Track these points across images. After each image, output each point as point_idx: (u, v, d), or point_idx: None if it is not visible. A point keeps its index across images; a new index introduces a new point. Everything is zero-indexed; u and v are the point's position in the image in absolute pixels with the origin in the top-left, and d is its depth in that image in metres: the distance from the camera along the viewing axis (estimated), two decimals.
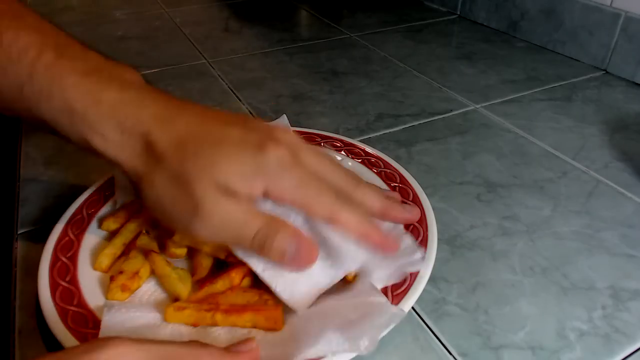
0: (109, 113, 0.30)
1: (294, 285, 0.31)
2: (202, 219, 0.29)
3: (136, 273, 0.34)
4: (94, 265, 0.36)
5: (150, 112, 0.31)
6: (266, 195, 0.30)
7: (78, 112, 0.30)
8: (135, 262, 0.35)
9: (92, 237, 0.39)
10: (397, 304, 0.32)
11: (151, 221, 0.39)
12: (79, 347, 0.22)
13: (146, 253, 0.36)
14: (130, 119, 0.30)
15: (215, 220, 0.29)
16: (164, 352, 0.23)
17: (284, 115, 0.47)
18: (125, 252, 0.37)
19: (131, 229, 0.38)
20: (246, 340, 0.28)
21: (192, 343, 0.25)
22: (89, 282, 0.35)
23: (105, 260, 0.36)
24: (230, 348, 0.27)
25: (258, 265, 0.32)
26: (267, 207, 0.31)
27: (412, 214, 0.37)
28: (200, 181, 0.29)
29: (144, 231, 0.38)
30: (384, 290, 0.33)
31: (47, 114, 0.31)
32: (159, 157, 0.30)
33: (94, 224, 0.40)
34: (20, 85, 0.30)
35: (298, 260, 0.31)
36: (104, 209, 0.41)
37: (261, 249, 0.30)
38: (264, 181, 0.30)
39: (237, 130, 0.31)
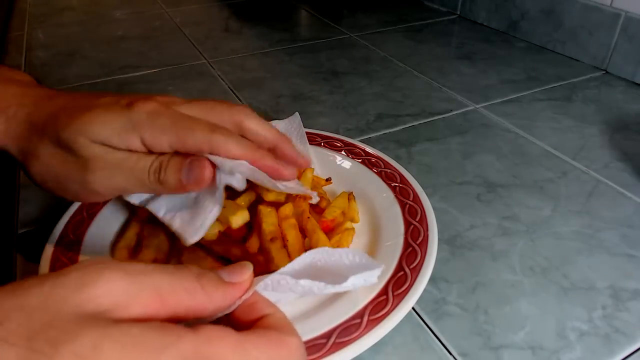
0: None
1: (190, 221, 0.32)
2: (94, 171, 0.30)
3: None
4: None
5: (31, 100, 0.33)
6: (145, 145, 0.31)
7: None
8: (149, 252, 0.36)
9: (92, 237, 0.39)
10: (397, 304, 0.32)
11: None
12: (69, 274, 0.20)
13: None
14: (13, 107, 0.32)
15: (106, 169, 0.30)
16: (158, 285, 0.21)
17: (296, 113, 0.47)
18: (138, 242, 0.38)
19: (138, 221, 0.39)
20: (242, 266, 0.25)
21: (186, 270, 0.23)
22: None
23: (123, 252, 0.37)
24: (227, 269, 0.25)
25: (159, 210, 0.33)
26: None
27: (302, 160, 0.36)
28: (79, 142, 0.30)
29: None
30: (386, 288, 0.33)
31: None
32: (40, 131, 0.31)
33: (94, 223, 0.40)
34: None
35: (195, 180, 0.31)
36: (104, 209, 0.41)
37: (157, 181, 0.31)
38: (138, 133, 0.30)
39: (108, 97, 0.32)
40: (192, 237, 0.32)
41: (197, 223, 0.32)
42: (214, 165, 0.31)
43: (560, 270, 0.39)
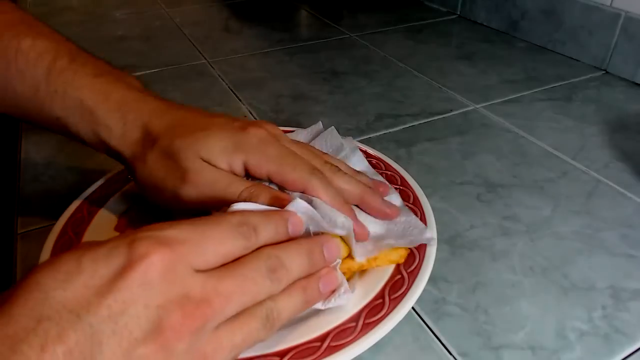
0: (115, 108, 0.34)
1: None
2: (189, 184, 0.32)
3: None
4: None
5: (150, 107, 0.35)
6: (246, 168, 0.33)
7: (89, 108, 0.34)
8: None
9: (92, 237, 0.39)
10: (393, 307, 0.31)
11: None
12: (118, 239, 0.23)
13: None
14: (133, 112, 0.34)
15: (201, 184, 0.32)
16: (198, 224, 0.24)
17: (320, 122, 0.47)
18: None
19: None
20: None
21: (223, 214, 0.26)
22: None
23: None
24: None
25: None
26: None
27: (390, 210, 0.37)
28: (186, 154, 0.32)
29: None
30: (383, 292, 0.33)
31: (60, 112, 0.35)
32: (154, 140, 0.33)
33: (93, 223, 0.40)
34: (36, 86, 0.34)
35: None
36: (104, 208, 0.41)
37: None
38: (244, 155, 0.33)
39: (222, 118, 0.35)
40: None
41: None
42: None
43: (560, 270, 0.39)
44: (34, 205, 0.46)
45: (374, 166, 0.46)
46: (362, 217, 0.36)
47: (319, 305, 0.30)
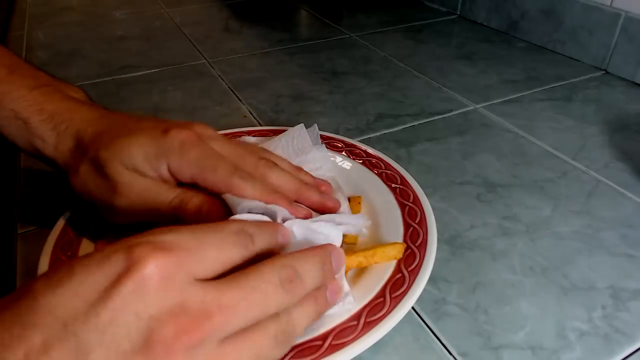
0: (48, 119, 0.35)
1: None
2: (120, 196, 0.33)
3: None
4: None
5: (82, 116, 0.35)
6: (171, 173, 0.33)
7: (23, 120, 0.35)
8: None
9: (91, 236, 0.39)
10: (394, 306, 0.32)
11: None
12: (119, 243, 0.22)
13: None
14: (65, 123, 0.35)
15: (132, 195, 0.33)
16: (199, 231, 0.24)
17: (315, 125, 0.47)
18: None
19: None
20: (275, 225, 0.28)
21: (225, 221, 0.26)
22: None
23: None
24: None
25: None
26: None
27: (331, 202, 0.37)
28: (112, 166, 0.32)
29: None
30: (383, 291, 0.33)
31: None
32: (84, 150, 0.34)
33: (93, 223, 0.40)
34: None
35: (210, 217, 0.33)
36: None
37: (178, 213, 0.33)
38: (165, 160, 0.32)
39: (150, 122, 0.35)
40: None
41: None
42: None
43: (560, 270, 0.39)
44: (34, 206, 0.46)
45: (373, 165, 0.46)
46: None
47: None
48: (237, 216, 0.31)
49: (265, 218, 0.32)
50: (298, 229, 0.30)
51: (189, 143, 0.33)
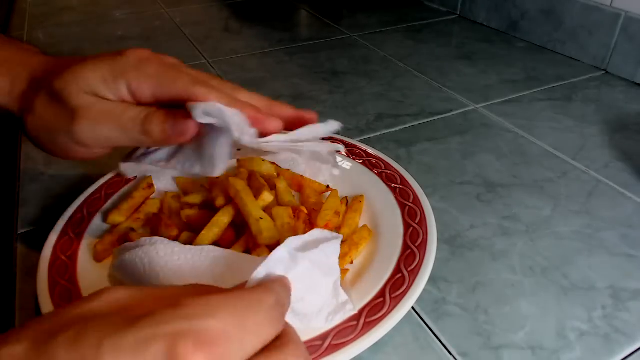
0: (1, 63, 0.33)
1: (208, 158, 0.32)
2: (81, 120, 0.31)
3: None
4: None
5: (38, 59, 0.34)
6: (131, 93, 0.32)
7: None
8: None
9: (92, 236, 0.39)
10: (394, 306, 0.32)
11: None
12: (79, 300, 0.22)
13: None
14: (19, 66, 0.34)
15: (94, 116, 0.31)
16: (160, 292, 0.22)
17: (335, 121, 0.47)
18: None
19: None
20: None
21: (193, 285, 0.24)
22: (89, 281, 0.35)
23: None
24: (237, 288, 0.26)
25: (177, 166, 0.34)
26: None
27: (306, 113, 0.35)
28: (69, 92, 0.31)
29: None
30: (383, 290, 0.33)
31: None
32: (37, 86, 0.32)
33: (94, 223, 0.40)
34: None
35: (180, 131, 0.31)
36: (104, 208, 0.41)
37: (143, 131, 0.31)
38: (124, 79, 0.31)
39: (106, 53, 0.33)
40: (215, 168, 0.31)
41: (210, 158, 0.32)
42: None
43: (560, 270, 0.39)
44: (34, 205, 0.46)
45: (373, 165, 0.46)
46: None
47: (321, 324, 0.30)
48: (203, 107, 0.29)
49: (236, 112, 0.30)
50: None
51: (145, 59, 0.32)
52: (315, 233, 0.29)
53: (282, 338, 0.23)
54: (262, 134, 0.32)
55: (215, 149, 0.31)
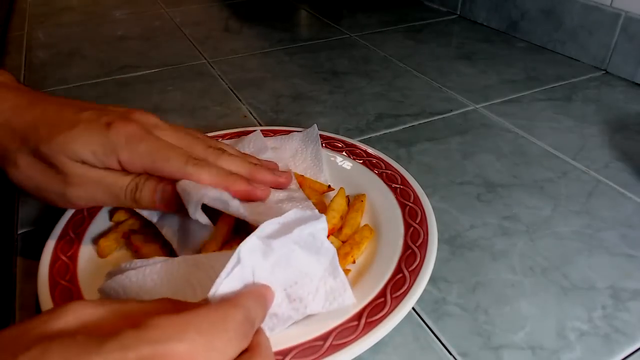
0: None
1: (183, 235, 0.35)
2: (74, 186, 0.32)
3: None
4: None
5: (10, 104, 0.33)
6: (121, 165, 0.33)
7: None
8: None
9: (92, 236, 0.39)
10: (395, 306, 0.32)
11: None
12: (43, 313, 0.21)
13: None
14: None
15: (86, 184, 0.33)
16: (128, 309, 0.22)
17: (315, 125, 0.48)
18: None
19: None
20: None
21: (163, 299, 0.24)
22: (89, 281, 0.35)
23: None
24: (201, 302, 0.26)
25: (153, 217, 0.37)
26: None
27: (283, 177, 0.38)
28: (60, 160, 0.32)
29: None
30: (384, 290, 0.33)
31: None
32: (19, 141, 0.32)
33: (94, 223, 0.40)
34: None
35: (167, 202, 0.34)
36: (105, 208, 0.41)
37: (133, 200, 0.34)
38: (115, 155, 0.32)
39: (88, 113, 0.33)
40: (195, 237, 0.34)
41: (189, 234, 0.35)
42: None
43: (560, 270, 0.39)
44: (34, 205, 0.46)
45: (374, 165, 0.46)
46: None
47: (318, 309, 0.30)
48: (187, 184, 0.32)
49: (225, 195, 0.33)
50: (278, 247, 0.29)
51: (135, 137, 0.33)
52: (292, 214, 0.30)
53: (252, 350, 0.23)
54: (252, 201, 0.35)
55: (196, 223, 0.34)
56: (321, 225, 0.30)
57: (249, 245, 0.27)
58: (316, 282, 0.30)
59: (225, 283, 0.26)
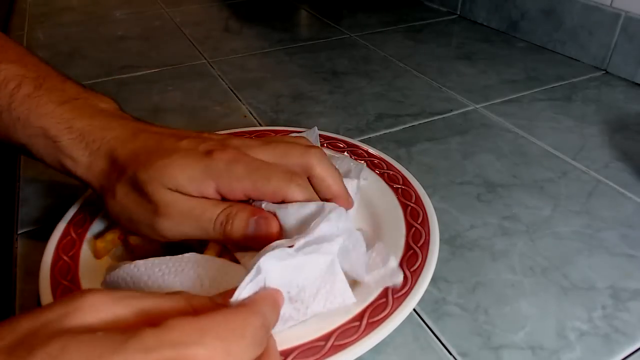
0: (79, 138, 0.33)
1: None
2: (163, 217, 0.31)
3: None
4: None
5: (115, 134, 0.34)
6: (220, 193, 0.32)
7: (51, 139, 0.33)
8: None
9: (93, 237, 0.39)
10: (397, 307, 0.32)
11: None
12: (55, 302, 0.21)
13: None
14: (97, 142, 0.33)
15: (175, 215, 0.31)
16: (146, 306, 0.22)
17: (315, 127, 0.47)
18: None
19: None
20: (231, 291, 0.26)
21: (178, 295, 0.24)
22: (90, 281, 0.35)
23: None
24: (221, 294, 0.26)
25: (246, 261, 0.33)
26: None
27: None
28: (153, 188, 0.31)
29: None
30: (386, 290, 0.33)
31: (23, 139, 0.34)
32: (120, 171, 0.32)
33: (95, 223, 0.40)
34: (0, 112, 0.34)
35: (259, 234, 0.32)
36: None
37: (223, 232, 0.32)
38: (214, 181, 0.31)
39: (187, 141, 0.33)
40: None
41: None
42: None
43: (560, 270, 0.39)
44: (34, 205, 0.46)
45: (375, 166, 0.46)
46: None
47: (319, 309, 0.30)
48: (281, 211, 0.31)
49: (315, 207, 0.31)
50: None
51: (234, 160, 0.32)
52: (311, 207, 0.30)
53: (262, 357, 0.23)
54: None
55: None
56: (337, 222, 0.30)
57: (270, 255, 0.27)
58: (317, 283, 0.30)
59: (247, 289, 0.26)
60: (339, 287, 0.31)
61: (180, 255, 0.32)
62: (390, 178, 0.44)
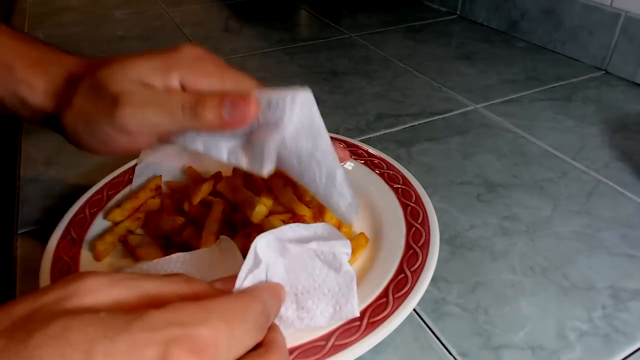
0: (35, 63, 0.32)
1: (257, 155, 0.30)
2: (124, 105, 0.29)
3: None
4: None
5: (73, 59, 0.33)
6: (183, 86, 0.30)
7: (7, 65, 0.32)
8: None
9: (94, 237, 0.39)
10: (397, 307, 0.32)
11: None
12: (53, 284, 0.21)
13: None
14: (54, 65, 0.32)
15: (138, 102, 0.29)
16: (147, 289, 0.22)
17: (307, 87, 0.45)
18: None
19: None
20: (230, 277, 0.26)
21: (177, 277, 0.24)
22: None
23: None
24: (215, 283, 0.26)
25: (222, 153, 0.31)
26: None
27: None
28: (114, 79, 0.29)
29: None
30: (386, 291, 0.33)
31: None
32: (76, 80, 0.31)
33: (96, 223, 0.40)
34: None
35: (238, 114, 0.29)
36: (106, 208, 0.41)
37: (194, 117, 0.29)
38: (178, 72, 0.30)
39: (158, 50, 0.32)
40: (270, 170, 0.30)
41: (260, 155, 0.30)
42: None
43: (560, 270, 0.39)
44: (34, 205, 0.46)
45: (375, 166, 0.46)
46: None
47: (323, 324, 0.29)
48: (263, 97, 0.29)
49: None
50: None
51: (202, 57, 0.31)
52: (320, 227, 0.29)
53: (268, 345, 0.23)
54: None
55: (264, 148, 0.29)
56: (345, 250, 0.29)
57: (265, 241, 0.27)
58: (328, 299, 0.30)
59: (248, 279, 0.26)
60: (350, 306, 0.30)
61: (167, 257, 0.32)
62: (390, 178, 0.44)
